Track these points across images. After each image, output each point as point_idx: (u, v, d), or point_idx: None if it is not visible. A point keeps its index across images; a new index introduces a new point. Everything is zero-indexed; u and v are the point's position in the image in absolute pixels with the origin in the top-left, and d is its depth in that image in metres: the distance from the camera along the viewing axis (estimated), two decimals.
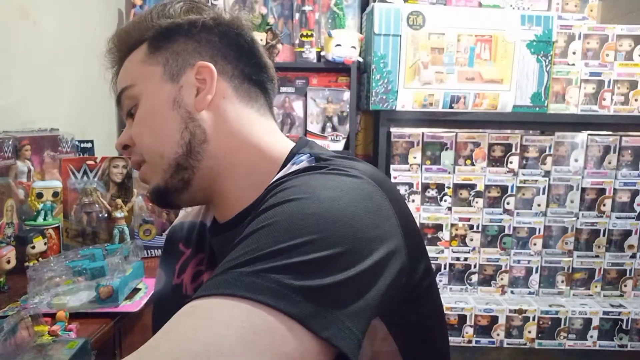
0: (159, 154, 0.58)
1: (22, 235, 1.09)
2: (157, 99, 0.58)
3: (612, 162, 1.90)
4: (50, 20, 1.49)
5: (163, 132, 0.58)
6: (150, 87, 0.59)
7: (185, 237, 0.69)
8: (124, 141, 0.61)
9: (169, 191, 0.59)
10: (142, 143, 0.59)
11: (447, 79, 1.80)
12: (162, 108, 0.58)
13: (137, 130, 0.59)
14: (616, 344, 1.89)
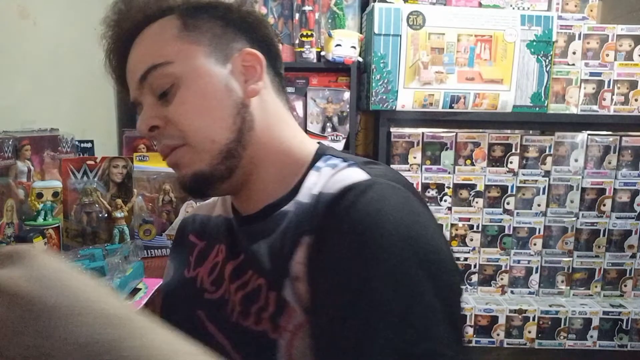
0: (211, 138, 0.55)
1: (22, 235, 1.09)
2: (208, 82, 0.55)
3: (612, 162, 1.90)
4: (50, 20, 1.49)
5: (216, 116, 0.55)
6: (197, 68, 0.55)
7: (198, 230, 0.68)
8: (154, 122, 0.55)
9: (213, 178, 0.56)
10: (189, 126, 0.55)
11: (447, 79, 1.80)
12: (215, 91, 0.56)
13: (182, 112, 0.55)
14: (616, 344, 1.89)
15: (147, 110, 0.56)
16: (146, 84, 0.55)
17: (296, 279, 0.49)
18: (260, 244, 0.55)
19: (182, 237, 0.70)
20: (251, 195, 0.59)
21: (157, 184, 1.33)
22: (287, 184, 0.57)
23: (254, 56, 0.58)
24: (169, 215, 1.33)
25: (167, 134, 0.56)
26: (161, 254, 1.29)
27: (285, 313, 0.50)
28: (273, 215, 0.56)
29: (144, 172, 1.32)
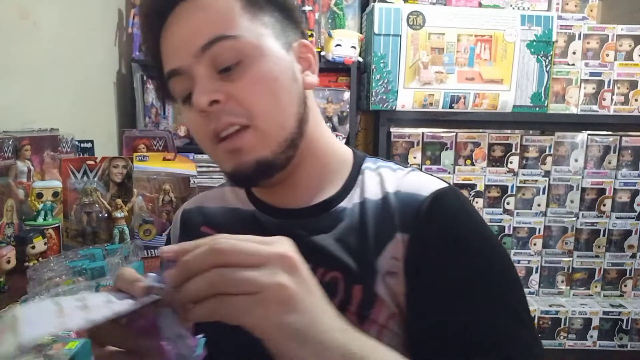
0: (280, 124, 0.54)
1: (22, 235, 1.09)
2: (278, 65, 0.54)
3: (612, 162, 1.90)
4: (50, 20, 1.49)
5: (286, 102, 0.54)
6: (268, 49, 0.53)
7: (213, 222, 0.64)
8: (217, 96, 0.51)
9: (275, 167, 0.54)
10: (259, 106, 0.52)
11: (447, 79, 1.80)
12: (285, 76, 0.54)
13: (254, 91, 0.52)
14: (616, 344, 1.89)
15: (206, 83, 0.52)
16: (208, 54, 0.51)
17: (389, 274, 0.51)
18: (324, 238, 0.55)
19: (190, 229, 0.66)
20: (295, 188, 0.59)
21: (157, 184, 1.33)
22: (333, 181, 0.59)
23: (309, 48, 0.59)
24: (169, 215, 1.33)
25: (229, 110, 0.52)
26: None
27: (376, 306, 0.51)
28: (331, 211, 0.57)
29: (144, 172, 1.32)
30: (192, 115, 0.54)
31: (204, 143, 0.56)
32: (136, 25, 1.97)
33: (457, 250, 0.51)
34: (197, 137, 0.57)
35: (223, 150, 0.54)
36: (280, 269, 0.37)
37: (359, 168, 0.61)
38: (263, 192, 0.62)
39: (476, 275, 0.50)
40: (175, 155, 1.39)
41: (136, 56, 1.97)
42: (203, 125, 0.53)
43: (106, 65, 1.89)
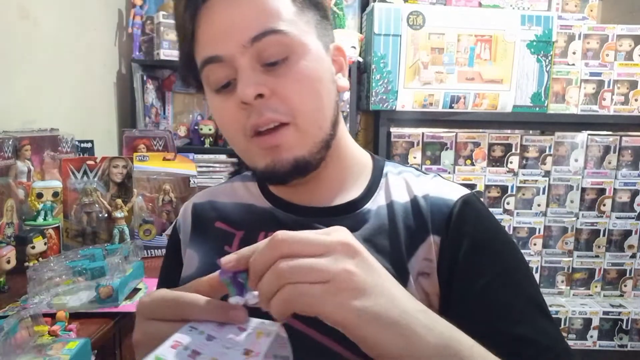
0: (319, 124, 0.53)
1: (22, 235, 1.09)
2: (321, 65, 0.54)
3: (612, 162, 1.90)
4: (50, 20, 1.49)
5: (325, 103, 0.54)
6: (313, 49, 0.53)
7: (228, 217, 0.62)
8: (262, 90, 0.50)
9: (309, 167, 0.54)
10: (302, 105, 0.51)
11: (447, 79, 1.80)
12: (326, 77, 0.54)
13: (299, 89, 0.51)
14: (616, 344, 1.89)
15: (251, 76, 0.50)
16: (256, 47, 0.50)
17: (421, 274, 0.53)
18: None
19: (203, 224, 0.63)
20: (318, 187, 0.59)
21: (157, 184, 1.33)
22: (355, 182, 0.60)
23: (342, 52, 0.59)
24: (169, 215, 1.33)
25: (271, 106, 0.50)
26: (161, 254, 1.29)
27: None
28: (357, 212, 0.57)
29: (144, 172, 1.32)
30: (228, 105, 0.53)
31: (236, 136, 0.54)
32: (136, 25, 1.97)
33: (489, 248, 0.54)
34: (228, 129, 0.55)
35: (259, 145, 0.52)
36: (343, 256, 0.36)
37: (380, 171, 0.62)
38: (282, 189, 0.60)
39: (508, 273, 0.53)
40: (175, 155, 1.39)
41: (136, 56, 1.97)
42: (241, 118, 0.52)
43: (106, 65, 1.89)
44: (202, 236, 0.62)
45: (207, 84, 0.55)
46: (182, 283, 0.60)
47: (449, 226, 0.54)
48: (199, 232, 0.63)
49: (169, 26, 1.97)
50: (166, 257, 0.69)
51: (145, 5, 2.02)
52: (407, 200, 0.58)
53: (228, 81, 0.52)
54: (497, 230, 0.57)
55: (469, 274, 0.52)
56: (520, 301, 0.51)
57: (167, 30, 1.97)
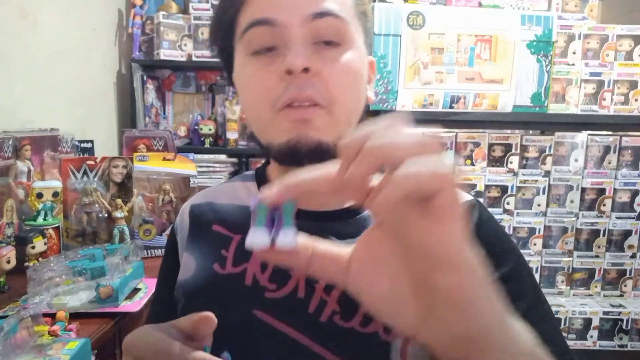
0: (349, 120, 0.53)
1: (22, 235, 1.09)
2: (364, 66, 0.55)
3: (612, 162, 1.90)
4: (50, 20, 1.49)
5: (358, 102, 0.54)
6: (361, 50, 0.54)
7: (225, 220, 0.60)
8: (312, 64, 0.49)
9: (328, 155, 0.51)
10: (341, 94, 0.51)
11: (447, 79, 1.80)
12: (364, 78, 0.55)
13: (342, 78, 0.51)
14: (616, 344, 1.89)
15: (303, 49, 0.49)
16: (314, 23, 0.50)
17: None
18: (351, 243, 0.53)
19: (201, 227, 0.61)
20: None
21: (157, 184, 1.33)
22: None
23: (373, 68, 0.60)
24: (169, 215, 1.33)
25: (313, 84, 0.50)
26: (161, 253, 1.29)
27: None
28: (356, 217, 0.57)
29: (144, 172, 1.32)
30: (264, 72, 0.51)
31: (262, 106, 0.52)
32: (136, 25, 1.97)
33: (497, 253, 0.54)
34: (257, 97, 0.52)
35: (287, 117, 0.50)
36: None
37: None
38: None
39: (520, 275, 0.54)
40: (175, 155, 1.39)
41: (136, 56, 1.97)
42: (276, 88, 0.50)
43: (106, 65, 1.89)
44: (199, 240, 0.61)
45: (247, 47, 0.53)
46: (178, 287, 0.59)
47: None
48: (196, 236, 0.61)
49: (169, 26, 1.97)
50: (164, 259, 0.68)
51: (145, 5, 2.02)
52: None
53: (273, 46, 0.51)
54: (502, 233, 0.59)
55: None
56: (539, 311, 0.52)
57: (167, 30, 1.97)
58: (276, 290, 0.53)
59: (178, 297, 0.58)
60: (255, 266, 0.55)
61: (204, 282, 0.57)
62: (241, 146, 2.03)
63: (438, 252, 0.30)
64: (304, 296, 0.52)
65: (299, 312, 0.52)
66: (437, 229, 0.30)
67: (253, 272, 0.55)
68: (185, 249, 0.61)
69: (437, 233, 0.30)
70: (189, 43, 2.01)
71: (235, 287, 0.55)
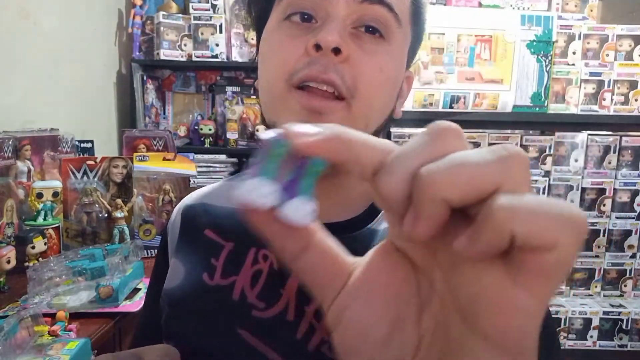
0: (367, 121, 0.48)
1: (22, 235, 1.10)
2: (398, 72, 0.50)
3: (612, 162, 1.90)
4: (50, 20, 1.49)
5: (383, 107, 0.50)
6: (401, 55, 0.49)
7: (218, 226, 0.55)
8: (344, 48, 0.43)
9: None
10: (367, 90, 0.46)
11: (447, 79, 1.80)
12: (395, 87, 0.50)
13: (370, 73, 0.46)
14: (616, 344, 1.89)
15: (341, 28, 0.44)
16: (362, 7, 0.45)
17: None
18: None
19: (192, 231, 0.57)
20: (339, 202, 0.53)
21: (157, 184, 1.33)
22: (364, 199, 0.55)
23: (411, 83, 0.56)
24: (169, 215, 1.33)
25: (340, 70, 0.44)
26: None
27: None
28: (362, 231, 0.51)
29: (144, 172, 1.32)
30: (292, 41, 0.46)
31: (277, 78, 0.46)
32: (136, 25, 1.97)
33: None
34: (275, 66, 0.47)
35: (300, 100, 0.45)
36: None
37: None
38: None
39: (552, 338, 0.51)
40: (175, 155, 1.39)
41: (136, 56, 1.97)
42: (299, 60, 0.45)
43: (106, 65, 1.89)
44: (189, 245, 0.56)
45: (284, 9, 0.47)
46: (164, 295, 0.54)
47: None
48: (186, 240, 0.56)
49: (169, 26, 1.97)
50: (155, 262, 0.63)
51: (145, 5, 2.02)
52: None
53: (310, 14, 0.46)
54: None
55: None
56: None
57: (167, 30, 1.97)
58: (264, 309, 0.48)
59: (163, 305, 0.54)
60: (245, 280, 0.51)
61: (191, 292, 0.52)
62: (241, 146, 2.03)
63: (508, 338, 0.20)
64: (292, 319, 0.47)
65: (286, 337, 0.47)
66: (522, 303, 0.19)
67: (242, 285, 0.50)
68: (174, 254, 0.56)
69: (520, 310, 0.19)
70: (189, 43, 2.01)
71: (222, 301, 0.50)
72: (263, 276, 0.50)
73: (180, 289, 0.53)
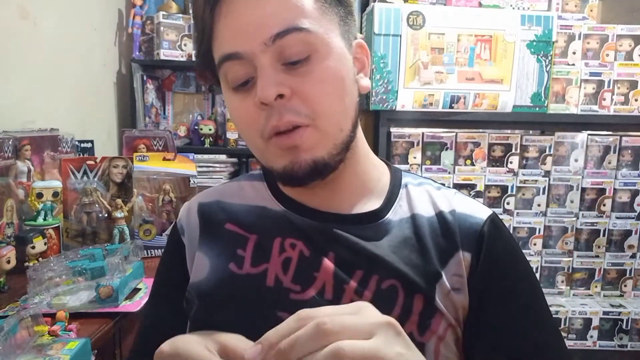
0: (340, 126, 0.51)
1: (22, 235, 1.09)
2: (344, 65, 0.52)
3: (612, 162, 1.90)
4: (50, 20, 1.49)
5: (347, 104, 0.52)
6: (336, 48, 0.51)
7: (239, 220, 0.58)
8: (284, 90, 0.48)
9: (328, 168, 0.52)
10: (323, 106, 0.49)
11: (447, 79, 1.80)
12: (348, 76, 0.52)
13: (320, 90, 0.49)
14: (616, 344, 1.89)
15: (272, 75, 0.48)
16: (277, 44, 0.48)
17: (454, 290, 0.53)
18: (377, 246, 0.54)
19: (213, 226, 0.59)
20: (338, 192, 0.57)
21: (157, 184, 1.33)
22: (373, 190, 0.59)
23: (365, 50, 0.56)
24: (169, 215, 1.33)
25: (292, 107, 0.49)
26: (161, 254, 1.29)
27: (436, 317, 0.51)
28: (378, 222, 0.56)
29: (144, 172, 1.32)
30: (246, 105, 0.51)
31: (253, 136, 0.52)
32: (136, 25, 1.97)
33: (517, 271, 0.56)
34: (245, 129, 0.53)
35: (277, 146, 0.50)
36: (391, 337, 0.36)
37: (399, 181, 0.61)
38: (297, 191, 0.58)
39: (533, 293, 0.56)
40: (175, 155, 1.39)
41: (136, 56, 1.97)
42: (259, 119, 0.50)
43: (106, 65, 1.89)
44: (211, 238, 0.58)
45: (225, 82, 0.53)
46: (191, 289, 0.56)
47: (480, 245, 0.55)
48: (208, 235, 0.59)
49: (169, 26, 1.97)
50: (165, 263, 0.65)
51: (145, 5, 2.02)
52: (433, 215, 0.57)
53: (247, 79, 0.50)
54: (520, 252, 0.59)
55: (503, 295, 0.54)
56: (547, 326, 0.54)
57: (167, 30, 1.97)
58: (301, 291, 0.52)
59: (191, 299, 0.56)
60: (277, 267, 0.54)
61: (220, 282, 0.55)
62: (241, 146, 2.03)
63: None
64: (332, 297, 0.51)
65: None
66: None
67: (275, 272, 0.54)
68: (197, 248, 0.58)
69: None
70: (189, 43, 2.01)
71: (256, 288, 0.53)
72: (293, 262, 0.54)
73: (208, 280, 0.56)
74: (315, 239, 0.55)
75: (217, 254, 0.57)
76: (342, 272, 0.52)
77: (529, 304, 0.54)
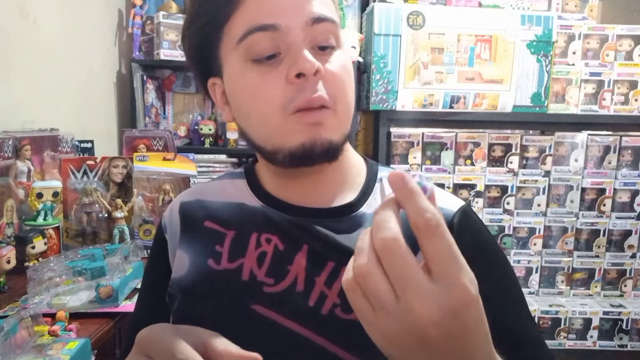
0: (349, 117, 0.56)
1: (22, 235, 1.09)
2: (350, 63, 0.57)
3: (612, 162, 1.90)
4: (50, 20, 1.49)
5: (353, 98, 0.57)
6: (346, 46, 0.57)
7: (217, 217, 0.60)
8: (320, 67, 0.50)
9: (337, 153, 0.55)
10: (343, 91, 0.54)
11: (447, 79, 1.80)
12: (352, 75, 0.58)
13: (339, 78, 0.53)
14: (616, 344, 1.89)
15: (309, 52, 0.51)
16: (314, 28, 0.51)
17: None
18: (348, 238, 0.56)
19: (192, 223, 0.61)
20: (317, 188, 0.59)
21: (157, 184, 1.33)
22: (352, 185, 0.61)
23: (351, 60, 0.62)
24: None
25: (321, 86, 0.51)
26: None
27: None
28: (352, 215, 0.58)
29: (144, 172, 1.32)
30: (269, 79, 0.51)
31: (270, 111, 0.52)
32: (136, 25, 1.97)
33: (487, 258, 0.57)
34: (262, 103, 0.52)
35: (302, 120, 0.51)
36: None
37: (375, 175, 0.63)
38: (281, 188, 0.60)
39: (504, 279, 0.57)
40: (175, 155, 1.39)
41: (136, 56, 1.97)
42: (286, 92, 0.51)
43: (106, 65, 1.89)
44: (191, 236, 0.61)
45: (246, 53, 0.52)
46: (173, 285, 0.59)
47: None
48: (188, 232, 0.61)
49: (169, 26, 1.97)
50: (151, 259, 0.67)
51: (145, 5, 2.02)
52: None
53: (273, 53, 0.51)
54: (492, 239, 0.60)
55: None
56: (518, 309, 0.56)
57: (167, 30, 1.97)
58: (274, 284, 0.54)
59: (174, 293, 0.58)
60: (252, 261, 0.56)
61: (199, 278, 0.57)
62: (241, 146, 2.03)
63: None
64: (303, 290, 0.54)
65: (299, 306, 0.53)
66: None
67: (250, 267, 0.56)
68: (178, 246, 0.61)
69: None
70: None
71: (232, 283, 0.56)
72: (268, 257, 0.56)
73: (188, 276, 0.58)
74: (290, 233, 0.57)
75: (197, 250, 0.59)
76: (314, 264, 0.55)
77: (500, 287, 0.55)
